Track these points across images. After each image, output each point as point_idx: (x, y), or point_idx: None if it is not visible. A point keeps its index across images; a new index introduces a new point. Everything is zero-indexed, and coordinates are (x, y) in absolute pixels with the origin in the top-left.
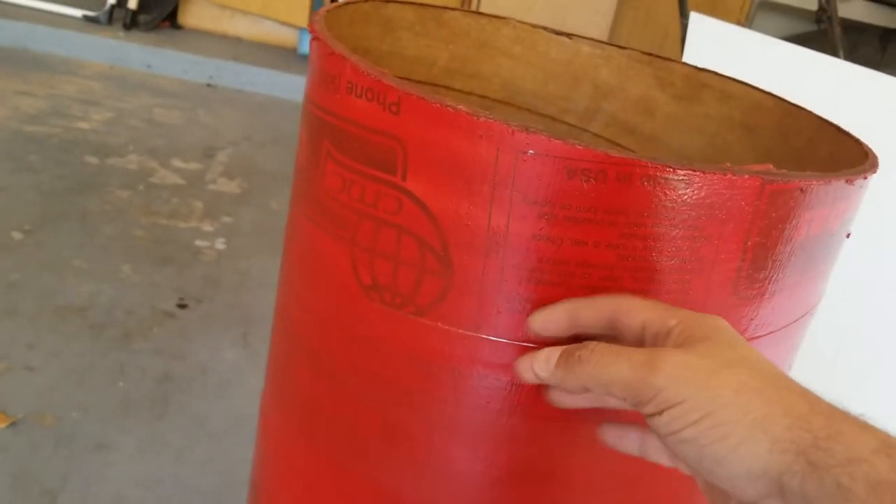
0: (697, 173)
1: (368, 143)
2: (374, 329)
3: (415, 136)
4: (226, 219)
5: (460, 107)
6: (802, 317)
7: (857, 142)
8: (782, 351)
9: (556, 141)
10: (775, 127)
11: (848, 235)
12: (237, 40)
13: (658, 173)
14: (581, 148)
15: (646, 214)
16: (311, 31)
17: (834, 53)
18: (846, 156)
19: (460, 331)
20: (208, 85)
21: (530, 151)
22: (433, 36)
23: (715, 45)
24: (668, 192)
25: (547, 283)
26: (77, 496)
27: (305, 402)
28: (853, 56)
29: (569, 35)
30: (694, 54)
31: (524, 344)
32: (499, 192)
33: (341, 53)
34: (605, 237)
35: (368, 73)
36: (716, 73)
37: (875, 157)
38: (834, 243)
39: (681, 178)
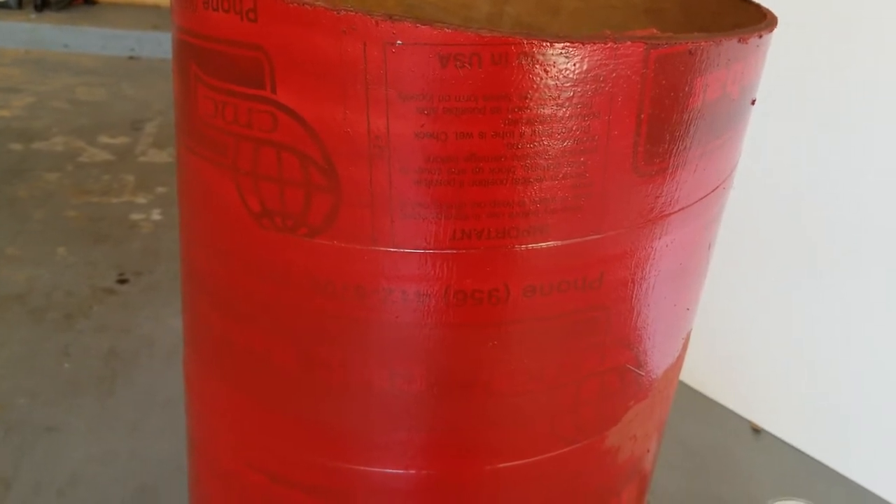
0: (576, 45)
1: (232, 59)
2: (270, 257)
3: (277, 42)
4: (160, 189)
5: (318, 3)
6: (714, 190)
7: (758, 7)
8: (698, 227)
9: (423, 27)
10: (679, 7)
11: (753, 102)
12: (156, 9)
13: (535, 49)
14: (449, 31)
15: (528, 97)
16: None
17: None
18: (750, 23)
19: (357, 246)
20: (131, 58)
21: (398, 42)
22: None
23: None
24: (548, 70)
25: (438, 184)
26: (31, 480)
27: (217, 344)
28: None
29: None
30: None
31: (424, 251)
32: (373, 91)
33: None
34: (490, 126)
35: None
36: None
37: (773, 18)
38: (737, 109)
39: (559, 52)
